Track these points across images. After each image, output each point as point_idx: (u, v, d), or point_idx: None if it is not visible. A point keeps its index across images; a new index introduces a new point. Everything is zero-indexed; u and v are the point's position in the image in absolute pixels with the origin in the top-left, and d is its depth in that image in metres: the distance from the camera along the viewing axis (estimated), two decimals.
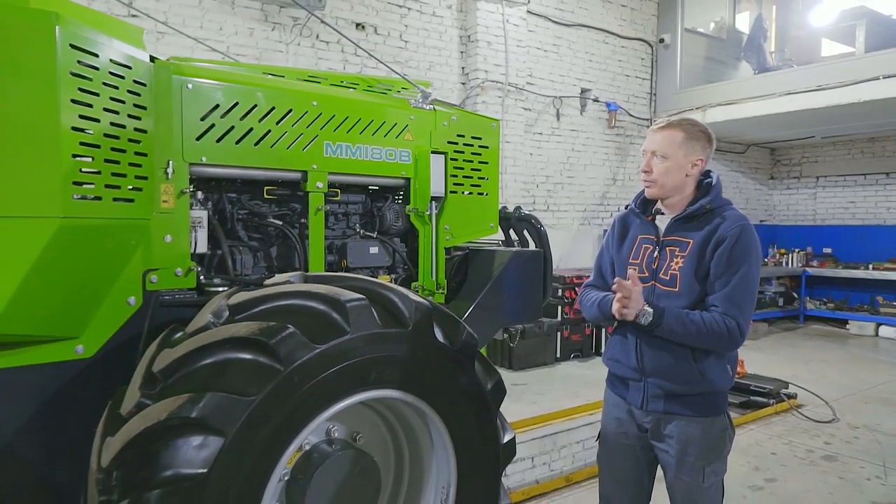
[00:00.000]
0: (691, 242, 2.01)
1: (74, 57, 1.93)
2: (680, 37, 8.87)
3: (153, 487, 1.56)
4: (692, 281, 1.99)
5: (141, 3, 5.25)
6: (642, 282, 2.03)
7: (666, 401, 2.03)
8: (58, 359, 2.11)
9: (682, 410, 2.02)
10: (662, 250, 2.06)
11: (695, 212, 2.03)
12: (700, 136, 2.05)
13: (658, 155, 2.04)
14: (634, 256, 2.11)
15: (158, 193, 2.32)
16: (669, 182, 2.04)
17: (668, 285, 2.02)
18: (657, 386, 2.04)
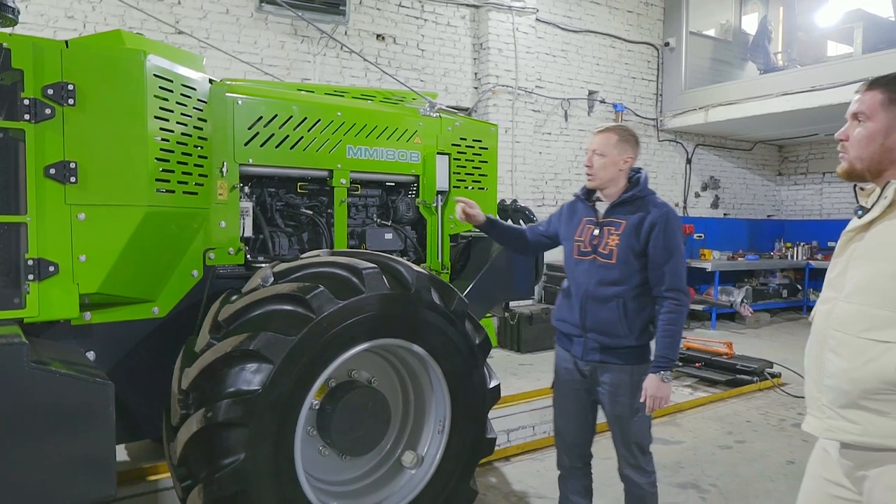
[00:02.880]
0: (624, 223, 2.42)
1: (157, 83, 2.55)
2: (685, 40, 9.29)
3: (221, 399, 2.15)
4: (626, 255, 2.40)
5: (186, 21, 5.90)
6: (585, 255, 2.48)
7: (601, 352, 2.46)
8: (140, 317, 2.73)
9: (614, 360, 2.45)
10: (602, 229, 2.46)
11: (627, 199, 2.46)
12: (630, 139, 2.50)
13: (598, 153, 2.47)
14: (580, 234, 2.53)
15: (215, 188, 2.92)
16: (606, 175, 2.46)
17: (606, 258, 2.43)
18: (595, 340, 2.46)
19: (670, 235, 2.40)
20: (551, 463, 3.83)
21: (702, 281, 9.28)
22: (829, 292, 1.60)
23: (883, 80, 1.55)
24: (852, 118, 1.59)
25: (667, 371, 2.41)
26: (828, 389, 1.56)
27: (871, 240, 1.51)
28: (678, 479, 3.65)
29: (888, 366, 1.42)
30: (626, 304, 2.40)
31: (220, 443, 2.15)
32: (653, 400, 2.40)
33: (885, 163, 1.53)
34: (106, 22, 5.58)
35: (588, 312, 2.46)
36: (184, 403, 2.28)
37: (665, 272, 2.38)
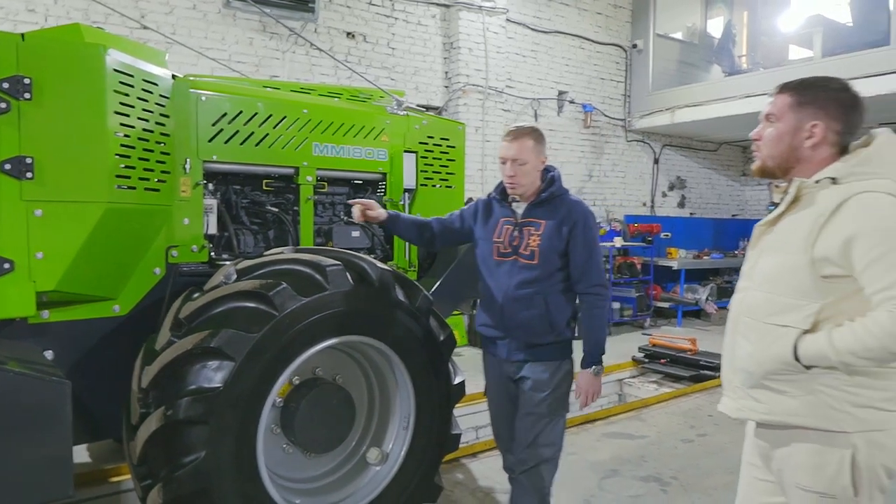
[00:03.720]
0: (544, 223, 2.43)
1: (117, 78, 2.51)
2: (652, 42, 9.44)
3: (182, 397, 2.14)
4: (548, 255, 2.41)
5: (152, 16, 5.81)
6: (505, 256, 2.48)
7: (525, 350, 2.48)
8: (100, 315, 2.70)
9: (538, 357, 2.47)
10: (521, 230, 2.45)
11: (545, 199, 2.47)
12: (542, 138, 2.49)
13: (518, 162, 2.42)
14: (498, 235, 2.51)
15: (178, 185, 2.89)
16: (529, 181, 2.46)
17: (528, 259, 2.43)
18: (518, 339, 2.48)
19: (589, 233, 2.45)
20: None
21: (668, 279, 9.45)
22: (744, 282, 1.73)
23: (792, 85, 1.66)
24: (765, 119, 1.69)
25: (598, 366, 2.48)
26: (739, 371, 1.69)
27: (778, 233, 1.63)
28: (641, 473, 3.72)
29: (785, 347, 1.55)
30: (548, 301, 2.42)
31: (181, 441, 2.14)
32: (586, 395, 2.47)
33: (793, 161, 1.64)
34: (68, 15, 5.46)
35: (510, 313, 2.46)
36: (143, 402, 2.26)
37: (587, 269, 2.43)
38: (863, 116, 1.62)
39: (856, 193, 1.48)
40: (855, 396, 1.53)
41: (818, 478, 1.57)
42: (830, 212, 1.49)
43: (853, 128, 1.62)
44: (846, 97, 1.62)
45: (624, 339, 7.98)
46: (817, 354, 1.51)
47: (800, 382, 1.57)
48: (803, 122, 1.60)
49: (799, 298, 1.54)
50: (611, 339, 8.02)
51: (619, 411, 4.92)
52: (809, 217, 1.54)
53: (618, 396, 6.31)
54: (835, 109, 1.60)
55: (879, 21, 7.49)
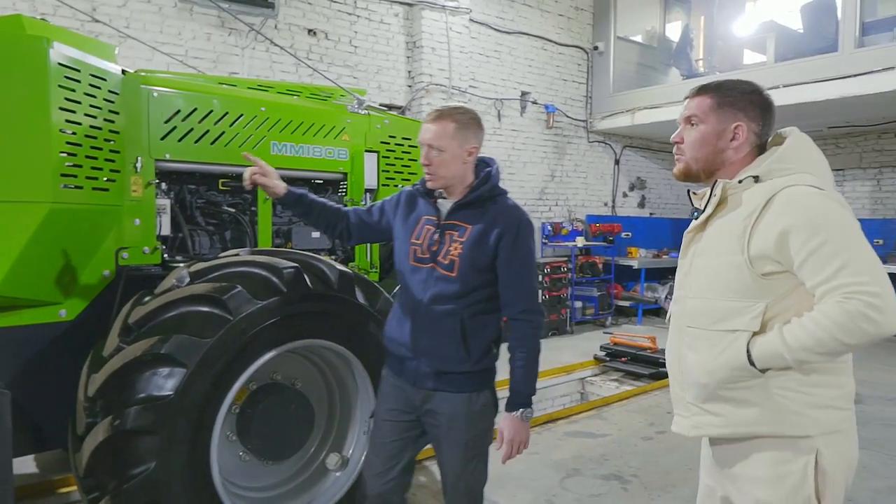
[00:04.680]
0: (470, 228, 2.03)
1: (62, 73, 2.41)
2: (613, 44, 9.57)
3: (131, 406, 2.06)
4: (469, 268, 2.01)
5: (104, 9, 5.61)
6: (422, 262, 2.07)
7: (435, 378, 2.05)
8: (45, 320, 2.58)
9: (449, 387, 2.04)
10: (443, 234, 2.05)
11: (474, 199, 2.05)
12: (471, 123, 2.06)
13: (434, 148, 2.02)
14: (417, 236, 2.10)
15: (129, 184, 2.79)
16: (448, 173, 2.03)
17: (447, 269, 2.02)
18: (428, 364, 2.05)
19: (522, 247, 2.04)
20: None
21: (629, 278, 9.59)
22: (680, 292, 1.67)
23: (712, 86, 1.63)
24: (685, 122, 1.65)
25: (527, 409, 2.03)
26: (689, 386, 1.60)
27: (708, 237, 1.60)
28: (602, 471, 3.75)
29: (737, 352, 1.49)
30: (465, 322, 2.01)
31: (129, 451, 2.06)
32: (510, 444, 2.02)
33: (718, 163, 1.62)
34: (14, 6, 5.23)
35: (421, 331, 2.06)
36: (90, 411, 2.17)
37: (518, 291, 2.03)
38: (775, 117, 1.62)
39: (781, 188, 1.47)
40: (812, 397, 1.49)
41: (780, 490, 1.50)
42: (760, 208, 1.47)
43: (769, 128, 1.62)
44: (760, 98, 1.61)
45: (586, 337, 8.07)
46: (772, 355, 1.46)
47: (756, 388, 1.51)
48: (726, 123, 1.59)
49: (741, 300, 1.50)
50: (573, 337, 8.14)
51: (580, 410, 4.96)
52: (739, 217, 1.51)
53: (580, 395, 6.37)
54: (753, 110, 1.59)
55: (829, 28, 7.73)
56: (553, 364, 6.60)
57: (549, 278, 8.05)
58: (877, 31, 7.27)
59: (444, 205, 2.11)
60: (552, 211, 9.38)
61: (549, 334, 8.02)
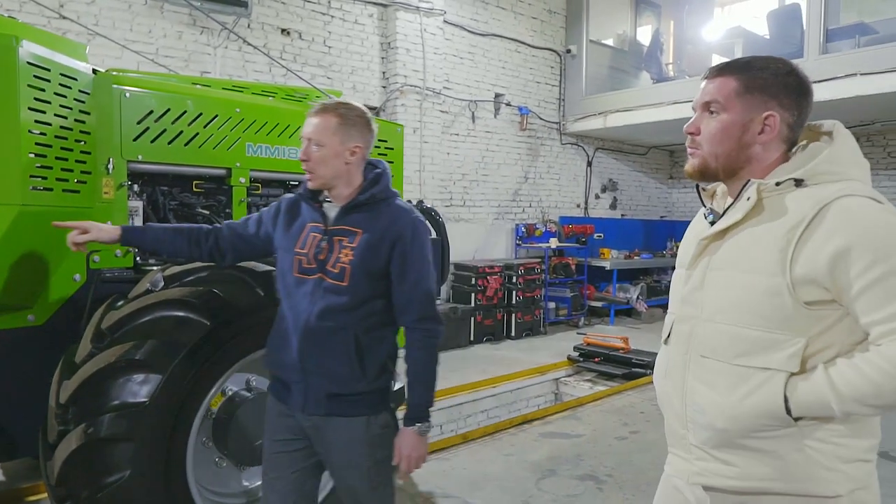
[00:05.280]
0: (360, 233, 1.87)
1: (31, 72, 2.35)
2: (585, 48, 9.68)
3: (104, 413, 2.02)
4: (361, 276, 1.85)
5: (72, 6, 5.48)
6: (308, 273, 1.89)
7: (327, 402, 1.87)
8: (13, 325, 2.51)
9: (344, 410, 1.87)
10: (331, 240, 1.89)
11: (363, 202, 1.90)
12: (357, 120, 1.92)
13: (314, 143, 1.88)
14: (302, 245, 1.92)
15: (100, 186, 2.73)
16: (328, 171, 1.88)
17: (336, 279, 1.85)
18: (319, 387, 1.87)
19: (418, 251, 1.89)
20: (458, 462, 3.89)
21: (601, 279, 9.71)
22: (687, 309, 1.37)
23: (737, 66, 1.33)
24: (703, 109, 1.36)
25: (424, 423, 1.90)
26: (698, 427, 1.32)
27: (734, 248, 1.30)
28: (577, 472, 3.79)
29: (772, 398, 1.21)
30: (359, 337, 1.86)
31: (103, 460, 2.02)
32: (408, 460, 1.88)
33: (742, 161, 1.33)
34: None
35: (309, 350, 1.87)
36: (62, 419, 2.12)
37: (413, 297, 1.88)
38: (812, 104, 1.33)
39: (835, 198, 1.19)
40: (845, 449, 1.23)
41: None
42: (808, 221, 1.19)
43: (805, 118, 1.33)
44: (798, 82, 1.31)
45: (559, 338, 8.15)
46: (817, 404, 1.19)
47: (785, 439, 1.23)
48: (755, 112, 1.29)
49: (777, 332, 1.21)
50: (547, 338, 8.21)
51: (555, 410, 5.01)
52: (780, 228, 1.22)
53: (554, 395, 6.43)
54: (788, 96, 1.29)
55: (794, 35, 7.94)
56: (527, 365, 6.65)
57: (523, 279, 8.10)
58: (840, 38, 7.48)
59: (330, 209, 1.96)
60: (526, 212, 9.45)
61: (523, 335, 8.09)
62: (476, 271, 7.68)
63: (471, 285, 7.67)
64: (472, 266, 7.76)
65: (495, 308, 7.84)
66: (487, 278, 7.74)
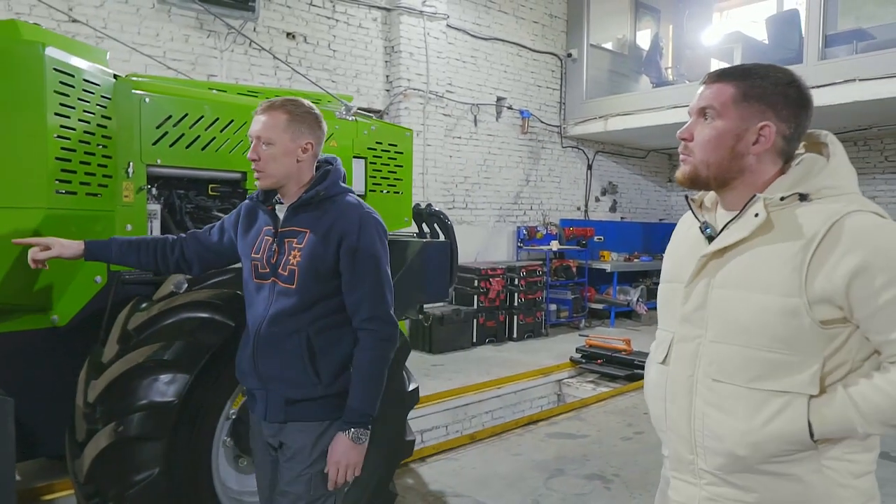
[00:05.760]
0: (308, 233, 1.83)
1: (57, 78, 2.40)
2: (586, 52, 9.76)
3: (133, 412, 2.07)
4: (308, 277, 1.80)
5: (81, 9, 5.52)
6: (263, 278, 1.86)
7: (286, 408, 1.83)
8: (37, 326, 2.56)
9: (300, 416, 1.83)
10: (281, 242, 1.85)
11: (310, 199, 1.84)
12: (306, 116, 1.87)
13: (263, 141, 1.82)
14: (257, 250, 1.89)
15: (121, 190, 2.78)
16: (279, 170, 1.83)
17: (287, 282, 1.81)
18: (276, 393, 1.84)
19: (367, 246, 1.83)
20: (467, 462, 3.95)
21: (602, 281, 9.78)
22: (689, 329, 1.31)
23: (737, 72, 1.30)
24: (697, 114, 1.32)
25: (360, 428, 1.80)
26: (710, 453, 1.27)
27: (742, 266, 1.25)
28: (585, 471, 3.85)
29: (795, 422, 1.18)
30: (311, 340, 1.81)
31: (132, 458, 2.07)
32: (337, 467, 1.78)
33: (735, 171, 1.29)
34: None
35: (264, 355, 1.84)
36: (90, 418, 2.17)
37: (362, 296, 1.81)
38: (811, 119, 1.29)
39: (843, 214, 1.17)
40: (855, 465, 1.23)
41: None
42: (820, 238, 1.16)
43: (802, 132, 1.29)
44: (798, 94, 1.27)
45: (561, 339, 8.21)
46: (841, 426, 1.17)
47: (805, 461, 1.21)
48: (750, 121, 1.26)
49: (793, 354, 1.18)
50: (548, 339, 8.26)
51: (560, 412, 5.07)
52: (791, 247, 1.19)
53: (557, 397, 6.49)
54: (786, 108, 1.26)
55: (793, 40, 8.03)
56: (530, 366, 6.71)
57: (525, 281, 8.16)
58: (838, 44, 7.57)
59: (281, 210, 1.91)
60: (527, 215, 9.52)
61: (525, 336, 8.14)
62: (479, 273, 7.74)
63: (473, 287, 7.73)
64: (475, 268, 7.81)
65: (497, 310, 7.90)
66: (490, 280, 7.79)
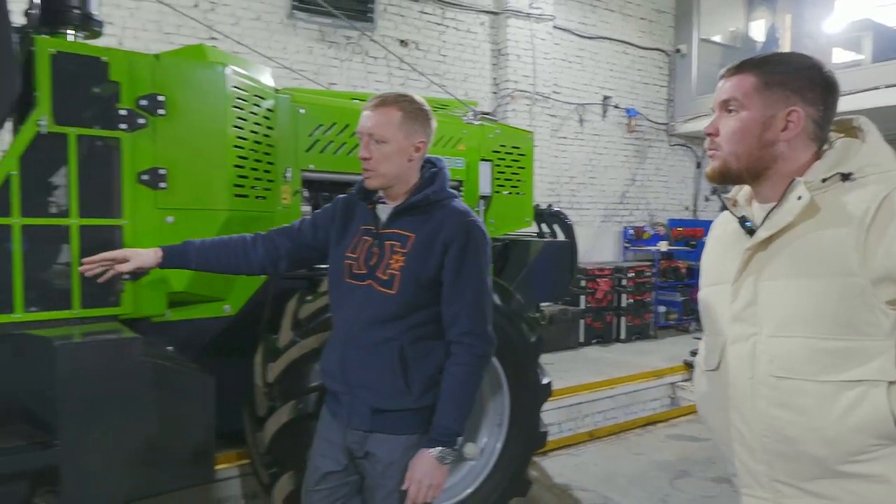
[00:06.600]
0: (412, 238, 1.75)
1: (235, 94, 2.70)
2: (695, 46, 9.47)
3: (310, 392, 2.30)
4: (410, 283, 1.72)
5: (220, 27, 6.02)
6: (360, 280, 1.78)
7: (372, 417, 1.76)
8: (212, 315, 2.88)
9: (387, 427, 1.76)
10: (382, 244, 1.77)
11: (418, 202, 1.76)
12: (420, 114, 1.79)
13: (376, 139, 1.73)
14: (353, 250, 1.81)
15: (280, 193, 3.07)
16: (391, 169, 1.75)
17: (386, 286, 1.73)
18: (363, 401, 1.77)
19: (472, 257, 1.74)
20: (588, 458, 4.01)
21: None
22: (742, 328, 1.24)
23: (754, 62, 1.29)
24: (721, 108, 1.31)
25: (447, 448, 1.72)
26: (782, 459, 1.19)
27: (792, 253, 1.19)
28: (710, 474, 3.81)
29: (877, 411, 1.09)
30: (405, 349, 1.74)
31: (309, 433, 2.25)
32: (419, 487, 1.70)
33: (767, 160, 1.26)
34: (143, 28, 5.72)
35: (354, 361, 1.78)
36: (270, 396, 2.43)
37: (462, 309, 1.73)
38: (838, 100, 1.27)
39: (894, 188, 1.13)
40: None
41: None
42: (873, 214, 1.11)
43: (832, 115, 1.26)
44: (821, 76, 1.25)
45: (670, 342, 8.02)
46: None
47: (889, 458, 1.11)
48: (776, 108, 1.23)
49: (862, 338, 1.10)
50: (657, 342, 8.10)
51: (678, 414, 5.01)
52: (843, 226, 1.13)
53: (670, 399, 6.37)
54: (811, 91, 1.23)
55: None
56: (640, 368, 6.61)
57: (633, 282, 8.05)
58: None
59: (383, 211, 1.83)
60: (633, 215, 9.37)
61: (633, 338, 8.03)
62: (585, 273, 7.72)
63: (580, 287, 7.71)
64: (582, 268, 7.79)
65: (605, 311, 7.84)
66: (597, 280, 7.75)
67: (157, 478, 2.07)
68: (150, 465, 2.06)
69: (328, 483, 1.85)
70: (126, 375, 2.02)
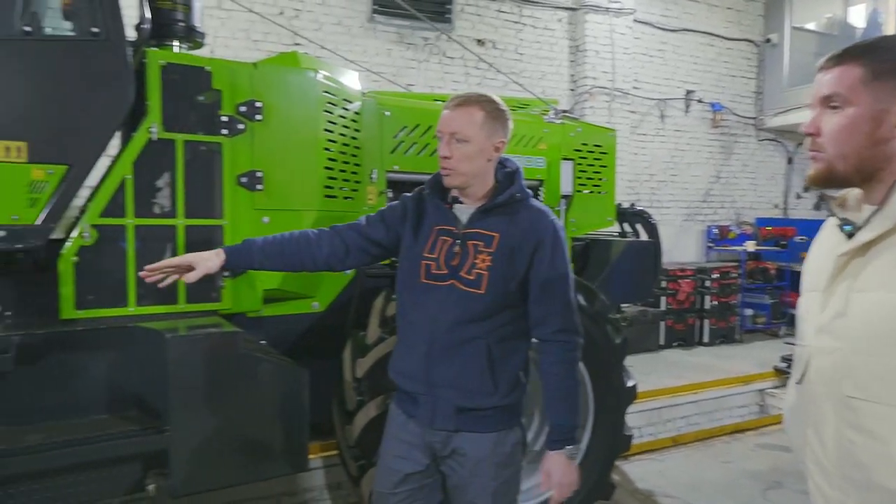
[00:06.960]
0: (497, 237, 1.75)
1: (325, 99, 2.80)
2: (788, 35, 8.98)
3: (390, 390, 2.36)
4: (498, 283, 1.73)
5: (304, 33, 6.25)
6: (440, 280, 1.76)
7: (457, 416, 1.77)
8: (302, 311, 3.00)
9: (474, 426, 1.77)
10: (465, 244, 1.76)
11: (504, 202, 1.77)
12: (500, 114, 1.79)
13: (458, 138, 1.73)
14: (431, 250, 1.79)
15: (366, 193, 3.16)
16: (471, 169, 1.75)
17: (472, 286, 1.73)
18: (447, 400, 1.76)
19: (560, 256, 1.77)
20: (672, 464, 3.90)
21: None
22: (826, 341, 1.15)
23: (858, 50, 1.15)
24: (821, 104, 1.18)
25: (572, 445, 1.78)
26: (854, 486, 1.10)
27: (882, 263, 1.09)
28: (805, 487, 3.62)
29: None
30: (491, 348, 1.75)
31: None
32: (560, 489, 1.75)
33: (879, 160, 1.13)
34: (233, 36, 6.00)
35: (438, 361, 1.76)
36: (358, 391, 2.51)
37: (553, 308, 1.76)
38: None
39: None
40: None
41: None
42: None
43: None
44: None
45: (757, 346, 7.67)
46: None
47: None
48: (888, 101, 1.10)
49: None
50: (743, 346, 7.76)
51: (769, 422, 4.78)
52: None
53: (758, 407, 6.09)
54: None
55: None
56: (724, 373, 6.36)
57: (718, 284, 7.74)
58: None
59: (462, 211, 1.82)
60: (717, 213, 9.01)
61: (717, 342, 7.73)
62: (666, 274, 7.48)
63: (661, 288, 7.48)
64: (663, 269, 7.56)
65: (686, 313, 7.59)
66: (679, 282, 7.51)
67: (258, 465, 2.19)
68: (250, 453, 2.17)
69: (409, 485, 1.83)
70: (229, 367, 2.14)
